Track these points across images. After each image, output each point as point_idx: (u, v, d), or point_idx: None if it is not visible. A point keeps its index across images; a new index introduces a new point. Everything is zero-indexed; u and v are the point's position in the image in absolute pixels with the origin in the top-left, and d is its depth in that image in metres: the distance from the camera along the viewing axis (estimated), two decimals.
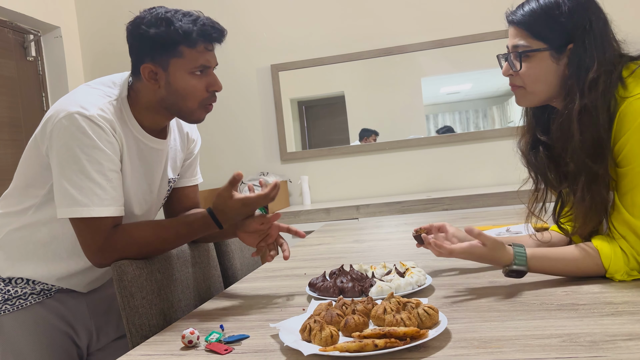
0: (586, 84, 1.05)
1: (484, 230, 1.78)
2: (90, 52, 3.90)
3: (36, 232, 1.26)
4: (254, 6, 3.71)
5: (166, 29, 1.17)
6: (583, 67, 1.06)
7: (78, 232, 1.18)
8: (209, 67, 1.24)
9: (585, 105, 1.05)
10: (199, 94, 1.23)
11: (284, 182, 3.56)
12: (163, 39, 1.17)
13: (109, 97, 1.22)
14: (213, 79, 1.25)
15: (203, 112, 1.27)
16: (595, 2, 1.10)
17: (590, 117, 1.05)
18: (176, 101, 1.23)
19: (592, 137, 1.05)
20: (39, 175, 1.23)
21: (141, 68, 1.21)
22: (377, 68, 3.57)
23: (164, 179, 1.39)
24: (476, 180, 3.43)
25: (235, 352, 0.89)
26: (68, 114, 1.14)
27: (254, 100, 3.75)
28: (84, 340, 1.35)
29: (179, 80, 1.21)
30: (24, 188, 1.26)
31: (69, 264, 1.27)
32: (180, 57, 1.19)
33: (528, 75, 1.11)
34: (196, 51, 1.20)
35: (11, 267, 1.27)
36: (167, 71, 1.20)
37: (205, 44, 1.21)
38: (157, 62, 1.20)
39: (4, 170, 3.16)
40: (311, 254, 1.81)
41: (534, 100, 1.15)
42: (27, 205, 1.26)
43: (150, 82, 1.22)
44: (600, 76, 1.04)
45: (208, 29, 1.20)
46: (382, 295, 1.09)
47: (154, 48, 1.19)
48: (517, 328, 0.85)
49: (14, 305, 1.26)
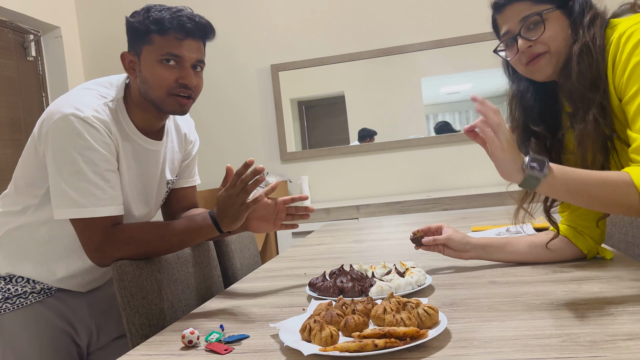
0: (586, 22, 1.08)
1: (484, 230, 1.78)
2: (90, 52, 3.90)
3: (35, 232, 1.26)
4: (254, 6, 3.71)
5: (143, 17, 1.20)
6: (582, 10, 1.10)
7: (78, 231, 1.19)
8: (180, 58, 1.20)
9: (586, 41, 1.07)
10: (165, 82, 1.20)
11: (283, 182, 3.56)
12: (138, 25, 1.20)
13: (104, 98, 1.23)
14: (185, 72, 1.21)
15: (174, 102, 1.23)
16: None
17: (589, 53, 1.07)
18: (147, 90, 1.22)
19: (591, 79, 1.06)
20: (37, 175, 1.23)
21: (121, 54, 1.24)
22: (377, 68, 3.57)
23: (162, 180, 1.39)
24: (476, 180, 3.43)
25: (235, 352, 0.89)
26: (63, 115, 1.15)
27: (254, 100, 3.75)
28: (84, 339, 1.35)
29: (148, 67, 1.21)
30: (23, 188, 1.27)
31: (68, 264, 1.28)
32: (151, 44, 1.20)
33: (550, 35, 1.11)
34: (165, 39, 1.19)
35: (10, 266, 1.27)
36: (140, 59, 1.22)
37: (176, 34, 1.19)
38: (134, 51, 1.23)
39: (4, 170, 3.16)
40: (311, 254, 1.81)
41: (560, 60, 1.12)
42: (26, 205, 1.26)
43: (129, 72, 1.24)
44: (596, 16, 1.09)
45: (183, 19, 1.19)
46: (382, 295, 1.09)
47: (132, 36, 1.23)
48: (517, 328, 0.85)
49: (14, 304, 1.26)
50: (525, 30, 1.12)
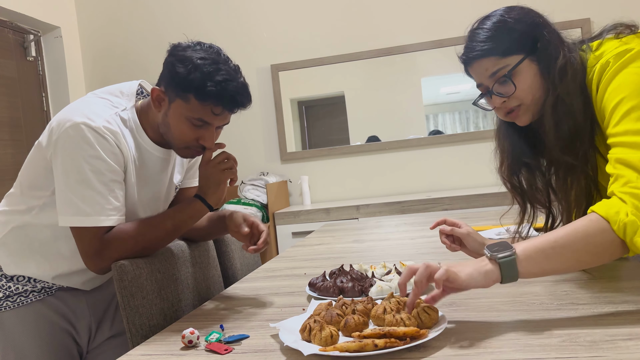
0: (556, 74, 1.05)
1: (484, 230, 1.78)
2: (90, 52, 3.90)
3: (39, 232, 1.27)
4: (254, 6, 3.71)
5: (189, 73, 1.16)
6: (551, 58, 1.06)
7: (77, 239, 1.19)
8: (209, 125, 1.22)
9: (558, 95, 1.05)
10: (186, 139, 1.23)
11: (283, 182, 3.56)
12: (180, 79, 1.17)
13: (115, 107, 1.25)
14: (208, 134, 1.23)
15: (187, 153, 1.28)
16: (527, 6, 1.12)
17: (564, 105, 1.05)
18: (166, 132, 1.25)
19: (568, 127, 1.05)
20: (43, 178, 1.24)
21: (152, 89, 1.23)
22: (377, 68, 3.57)
23: (171, 185, 1.42)
24: (476, 180, 3.43)
25: (235, 352, 0.89)
26: (74, 124, 1.16)
27: (253, 100, 3.70)
28: (84, 338, 1.35)
29: (175, 119, 1.21)
30: (28, 188, 1.28)
31: (71, 262, 1.28)
32: (186, 102, 1.19)
33: (522, 89, 1.08)
34: (202, 106, 1.18)
35: (14, 263, 1.28)
36: (170, 105, 1.22)
37: (214, 107, 1.19)
38: (167, 93, 1.22)
39: (4, 170, 3.16)
40: (311, 254, 1.81)
41: (536, 109, 1.10)
42: (30, 205, 1.27)
43: (154, 105, 1.24)
44: (567, 63, 1.05)
45: (226, 96, 1.18)
46: (382, 295, 1.09)
47: (171, 81, 1.20)
48: (517, 328, 0.85)
49: (15, 302, 1.27)
50: (498, 86, 1.09)
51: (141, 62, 3.81)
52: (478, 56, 1.10)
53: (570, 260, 0.89)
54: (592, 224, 0.89)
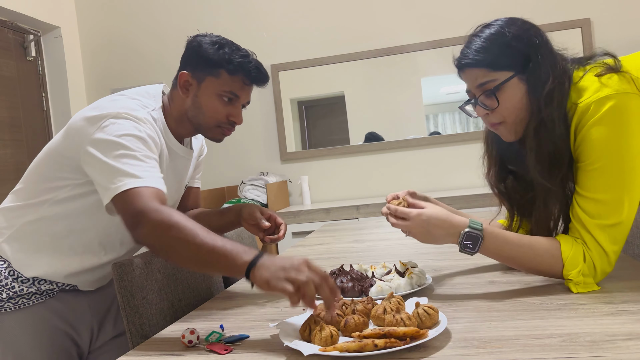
0: (542, 98, 1.05)
1: None
2: (90, 52, 3.90)
3: (53, 226, 1.26)
4: (254, 6, 3.71)
5: (217, 50, 1.27)
6: (540, 82, 1.05)
7: (125, 205, 1.06)
8: (238, 98, 1.31)
9: (542, 119, 1.05)
10: (218, 116, 1.30)
11: (283, 182, 3.56)
12: (210, 56, 1.27)
13: (146, 107, 1.27)
14: (237, 111, 1.32)
15: (218, 133, 1.34)
16: (529, 22, 1.11)
17: (547, 130, 1.05)
18: (197, 114, 1.31)
19: (549, 151, 1.06)
20: (58, 173, 1.24)
21: (179, 74, 1.31)
22: (377, 68, 3.57)
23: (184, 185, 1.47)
24: (476, 180, 3.42)
25: (235, 352, 0.89)
26: (117, 114, 1.17)
27: (253, 100, 3.71)
28: (86, 339, 1.35)
29: (206, 97, 1.29)
30: (38, 182, 1.27)
31: (82, 259, 1.28)
32: (217, 78, 1.28)
33: (506, 107, 1.08)
34: (232, 79, 1.28)
35: (26, 259, 1.27)
36: (200, 86, 1.29)
37: (244, 78, 1.29)
38: (195, 75, 1.30)
39: (4, 170, 3.16)
40: (311, 254, 1.81)
41: (519, 128, 1.10)
42: (43, 198, 1.26)
43: (181, 90, 1.31)
44: (555, 88, 1.04)
45: (252, 67, 1.29)
46: (382, 295, 1.09)
47: (199, 62, 1.29)
48: (517, 328, 0.85)
49: (17, 304, 1.26)
50: (483, 98, 1.10)
51: (141, 62, 3.81)
52: (469, 64, 1.10)
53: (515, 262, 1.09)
54: (550, 254, 1.04)
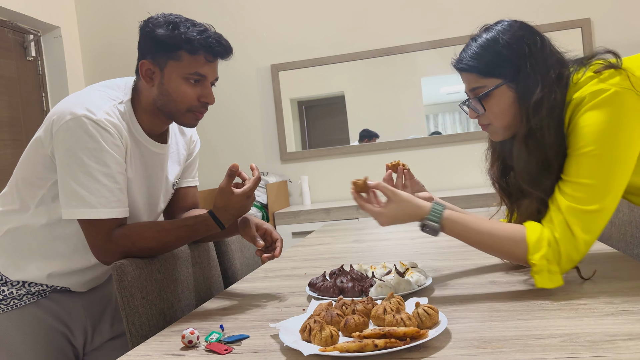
0: (530, 107, 1.06)
1: None
2: (90, 52, 3.90)
3: (38, 232, 1.26)
4: (254, 6, 3.71)
5: (171, 31, 1.20)
6: (528, 91, 1.07)
7: (84, 230, 1.20)
8: (205, 77, 1.24)
9: (531, 128, 1.07)
10: (188, 100, 1.24)
11: (283, 182, 3.56)
12: (166, 39, 1.20)
13: (113, 100, 1.24)
14: (207, 91, 1.26)
15: (192, 118, 1.28)
16: (528, 26, 1.12)
17: (535, 140, 1.06)
18: (166, 103, 1.24)
19: (537, 161, 1.07)
20: (40, 174, 1.23)
21: (140, 64, 1.24)
22: (377, 68, 3.57)
23: (167, 183, 1.41)
24: (476, 180, 3.42)
25: (235, 352, 0.89)
26: (75, 116, 1.15)
27: (254, 100, 3.75)
28: (80, 340, 1.35)
29: (172, 83, 1.22)
30: (23, 186, 1.27)
31: (70, 262, 1.28)
32: (178, 61, 1.21)
33: (493, 113, 1.12)
34: (194, 59, 1.21)
35: (13, 265, 1.27)
36: (163, 72, 1.22)
37: (206, 55, 1.22)
38: (156, 62, 1.23)
39: (3, 170, 3.16)
40: (311, 254, 1.81)
41: (507, 132, 1.15)
42: (26, 204, 1.26)
43: (145, 80, 1.24)
44: (544, 97, 1.05)
45: (212, 42, 1.21)
46: (382, 295, 1.09)
47: (156, 47, 1.21)
48: (517, 328, 0.85)
49: (9, 305, 1.26)
50: (474, 101, 1.14)
51: None
52: (463, 69, 1.15)
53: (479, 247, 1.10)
54: (512, 240, 1.04)
